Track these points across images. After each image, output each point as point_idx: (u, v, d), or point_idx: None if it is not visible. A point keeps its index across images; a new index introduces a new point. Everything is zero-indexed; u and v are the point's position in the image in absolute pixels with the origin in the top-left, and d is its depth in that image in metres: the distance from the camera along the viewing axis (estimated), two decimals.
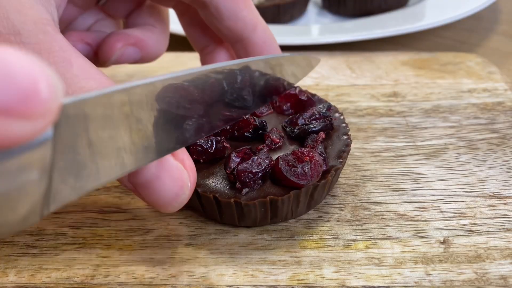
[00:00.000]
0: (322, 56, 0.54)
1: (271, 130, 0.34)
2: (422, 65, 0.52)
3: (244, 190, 0.30)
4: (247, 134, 0.34)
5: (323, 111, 0.35)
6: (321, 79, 0.49)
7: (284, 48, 0.40)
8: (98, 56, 0.38)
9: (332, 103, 0.37)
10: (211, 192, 0.30)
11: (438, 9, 0.63)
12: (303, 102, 0.36)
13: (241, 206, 0.30)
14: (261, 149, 0.32)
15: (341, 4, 0.65)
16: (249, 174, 0.30)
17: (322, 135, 0.33)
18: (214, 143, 0.32)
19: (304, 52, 0.55)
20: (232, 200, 0.30)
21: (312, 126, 0.34)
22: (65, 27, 0.41)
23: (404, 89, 0.47)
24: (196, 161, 0.30)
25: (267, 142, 0.33)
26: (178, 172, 0.26)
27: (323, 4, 0.69)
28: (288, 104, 0.37)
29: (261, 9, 0.63)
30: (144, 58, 0.39)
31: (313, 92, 0.39)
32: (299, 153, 0.31)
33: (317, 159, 0.30)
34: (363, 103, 0.45)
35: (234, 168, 0.30)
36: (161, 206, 0.26)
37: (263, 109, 0.37)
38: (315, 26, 0.63)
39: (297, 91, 0.36)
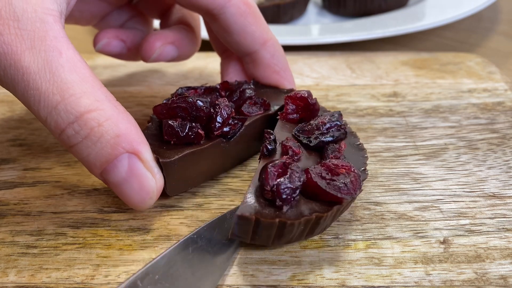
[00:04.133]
0: (322, 56, 0.54)
1: (286, 139, 0.32)
2: (422, 65, 0.52)
3: (285, 208, 0.28)
4: (269, 147, 0.31)
5: (336, 119, 0.34)
6: (321, 79, 0.49)
7: (284, 48, 0.40)
8: (140, 53, 0.40)
9: (332, 103, 0.37)
10: (252, 214, 0.27)
11: (438, 9, 0.63)
12: (311, 106, 0.35)
13: (284, 226, 0.28)
14: (290, 162, 0.30)
15: (341, 4, 0.66)
16: (290, 190, 0.28)
17: (343, 145, 0.32)
18: (187, 129, 0.32)
19: (304, 52, 0.55)
20: (277, 220, 0.27)
21: (329, 135, 0.33)
22: (98, 21, 0.43)
23: (404, 89, 0.47)
24: (167, 142, 0.32)
25: (290, 153, 0.31)
26: (146, 180, 0.28)
27: (323, 4, 0.69)
28: (294, 107, 0.35)
29: (261, 9, 0.63)
30: (180, 56, 0.41)
31: (314, 92, 0.39)
32: (332, 165, 0.30)
33: (355, 171, 0.29)
34: (363, 103, 0.45)
35: (273, 185, 0.28)
36: (129, 205, 0.29)
37: (253, 109, 0.36)
38: (315, 26, 0.63)
39: (307, 94, 0.35)
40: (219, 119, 0.33)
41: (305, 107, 0.35)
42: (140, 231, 0.32)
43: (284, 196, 0.28)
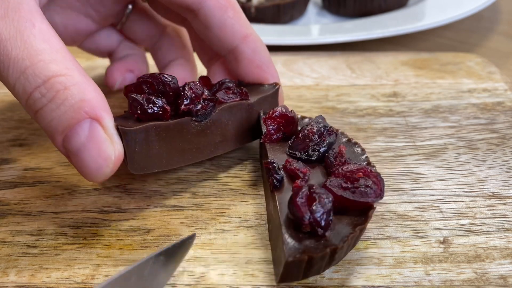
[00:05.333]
0: (322, 56, 0.54)
1: (287, 162, 0.31)
2: (422, 65, 0.52)
3: (327, 234, 0.27)
4: (278, 177, 0.30)
5: (322, 124, 0.33)
6: (321, 79, 0.49)
7: (284, 48, 0.40)
8: (105, 82, 0.44)
9: (332, 103, 0.37)
10: (302, 253, 0.26)
11: (438, 9, 0.63)
12: (291, 119, 0.35)
13: (335, 252, 0.27)
14: (311, 186, 0.28)
15: (341, 4, 0.66)
16: (326, 215, 0.27)
17: (343, 147, 0.32)
18: (151, 102, 0.31)
19: (304, 52, 0.55)
20: (328, 250, 0.26)
21: (325, 143, 0.32)
22: (84, 38, 0.44)
23: (404, 89, 0.47)
24: (138, 120, 0.31)
25: (300, 175, 0.30)
26: (104, 146, 0.28)
27: (323, 4, 0.69)
28: (275, 126, 0.34)
29: (261, 9, 0.63)
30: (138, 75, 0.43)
31: (314, 92, 0.39)
32: (347, 173, 0.29)
33: (372, 171, 0.29)
34: (363, 103, 0.45)
35: (309, 217, 0.27)
36: (87, 175, 0.29)
37: (229, 97, 0.35)
38: (315, 26, 0.63)
39: (284, 110, 0.34)
40: (186, 94, 0.32)
41: (286, 122, 0.35)
42: (140, 231, 0.32)
43: (323, 223, 0.27)
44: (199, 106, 0.33)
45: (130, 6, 0.42)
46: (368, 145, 0.40)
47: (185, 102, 0.32)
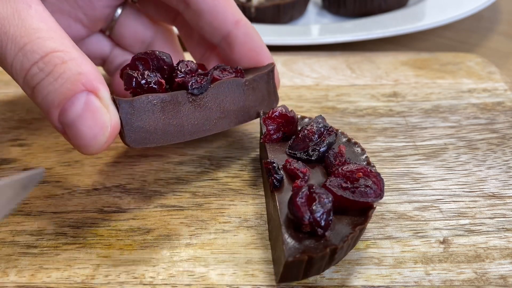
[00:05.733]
0: (322, 56, 0.54)
1: (286, 162, 0.31)
2: (422, 65, 0.52)
3: (327, 233, 0.27)
4: (278, 177, 0.31)
5: (322, 124, 0.33)
6: (321, 79, 0.49)
7: (284, 48, 0.40)
8: (112, 89, 0.43)
9: (332, 103, 0.37)
10: (302, 253, 0.26)
11: (438, 9, 0.63)
12: (291, 119, 0.35)
13: (335, 251, 0.27)
14: (311, 186, 0.28)
15: (341, 4, 0.66)
16: (326, 215, 0.27)
17: (342, 147, 0.32)
18: (146, 75, 0.32)
19: (304, 52, 0.55)
20: (328, 249, 0.26)
21: (325, 143, 0.32)
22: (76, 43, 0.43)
23: (404, 89, 0.47)
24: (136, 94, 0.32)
25: (300, 175, 0.30)
26: (100, 114, 0.28)
27: (323, 4, 0.69)
28: (275, 126, 0.34)
29: (261, 9, 0.63)
30: None
31: (314, 92, 0.39)
32: (347, 173, 0.29)
33: (372, 171, 0.29)
34: (363, 103, 0.45)
35: (309, 217, 0.27)
36: (82, 146, 0.29)
37: (224, 74, 0.35)
38: (315, 26, 0.63)
39: (284, 110, 0.35)
40: (180, 69, 0.33)
41: (286, 122, 0.35)
42: (140, 231, 0.32)
43: (323, 223, 0.27)
44: (194, 80, 0.33)
45: (119, 11, 0.42)
46: (368, 145, 0.40)
47: (180, 75, 0.33)
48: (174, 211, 0.34)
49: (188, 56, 0.44)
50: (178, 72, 0.33)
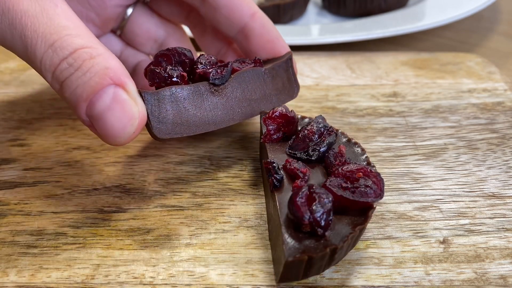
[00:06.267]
0: (322, 56, 0.54)
1: (286, 162, 0.31)
2: (422, 65, 0.52)
3: (327, 233, 0.27)
4: (278, 177, 0.31)
5: (322, 124, 0.33)
6: (321, 79, 0.49)
7: None
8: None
9: (332, 103, 0.37)
10: (302, 253, 0.26)
11: (438, 9, 0.63)
12: (291, 119, 0.35)
13: (335, 251, 0.27)
14: (311, 186, 0.28)
15: (341, 4, 0.66)
16: (326, 214, 0.27)
17: (342, 147, 0.32)
18: (168, 70, 0.33)
19: (304, 52, 0.55)
20: (328, 249, 0.26)
21: (325, 143, 0.32)
22: None
23: (404, 89, 0.47)
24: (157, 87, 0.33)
25: (300, 175, 0.30)
26: (129, 106, 0.29)
27: (323, 4, 0.69)
28: (275, 126, 0.35)
29: (261, 9, 0.63)
30: None
31: (314, 92, 0.39)
32: (347, 173, 0.29)
33: (372, 171, 0.29)
34: (363, 103, 0.45)
35: (309, 217, 0.27)
36: (111, 137, 0.29)
37: (243, 65, 0.36)
38: (315, 26, 0.63)
39: (284, 110, 0.35)
40: (201, 61, 0.34)
41: (286, 122, 0.35)
42: (140, 231, 0.32)
43: (323, 223, 0.27)
44: (214, 71, 0.34)
45: (130, 10, 0.42)
46: (368, 145, 0.40)
47: (201, 66, 0.34)
48: (174, 211, 0.34)
49: None
50: (199, 64, 0.34)
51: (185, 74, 0.33)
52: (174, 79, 0.33)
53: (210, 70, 0.34)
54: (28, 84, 0.49)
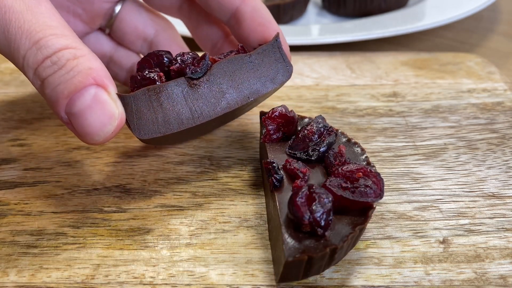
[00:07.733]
0: (322, 56, 0.54)
1: (286, 162, 0.31)
2: (422, 65, 0.52)
3: (327, 233, 0.27)
4: (278, 177, 0.31)
5: (322, 124, 0.33)
6: (321, 79, 0.50)
7: None
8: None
9: (332, 103, 0.37)
10: (302, 253, 0.26)
11: (438, 9, 0.63)
12: (291, 119, 0.35)
13: (335, 251, 0.27)
14: (311, 186, 0.28)
15: (341, 5, 0.66)
16: (326, 214, 0.27)
17: (342, 147, 0.32)
18: (145, 72, 0.33)
19: (304, 52, 0.55)
20: (328, 249, 0.26)
21: (325, 143, 0.32)
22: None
23: (404, 89, 0.47)
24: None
25: (300, 175, 0.30)
26: (109, 106, 0.29)
27: (323, 5, 0.69)
28: (274, 126, 0.34)
29: None
30: None
31: (314, 92, 0.39)
32: (347, 173, 0.29)
33: (372, 170, 0.29)
34: (363, 103, 0.45)
35: (309, 217, 0.27)
36: (89, 134, 0.29)
37: (225, 55, 0.35)
38: (315, 26, 0.63)
39: (284, 109, 0.35)
40: (177, 58, 0.34)
41: (286, 122, 0.35)
42: (140, 231, 0.32)
43: (323, 223, 0.27)
44: (191, 65, 0.34)
45: (118, 7, 0.41)
46: (368, 145, 0.40)
47: (175, 63, 0.34)
48: (174, 211, 0.34)
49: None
50: (174, 61, 0.34)
51: (161, 74, 0.33)
52: (151, 79, 0.33)
53: (185, 66, 0.34)
54: (28, 84, 0.49)
